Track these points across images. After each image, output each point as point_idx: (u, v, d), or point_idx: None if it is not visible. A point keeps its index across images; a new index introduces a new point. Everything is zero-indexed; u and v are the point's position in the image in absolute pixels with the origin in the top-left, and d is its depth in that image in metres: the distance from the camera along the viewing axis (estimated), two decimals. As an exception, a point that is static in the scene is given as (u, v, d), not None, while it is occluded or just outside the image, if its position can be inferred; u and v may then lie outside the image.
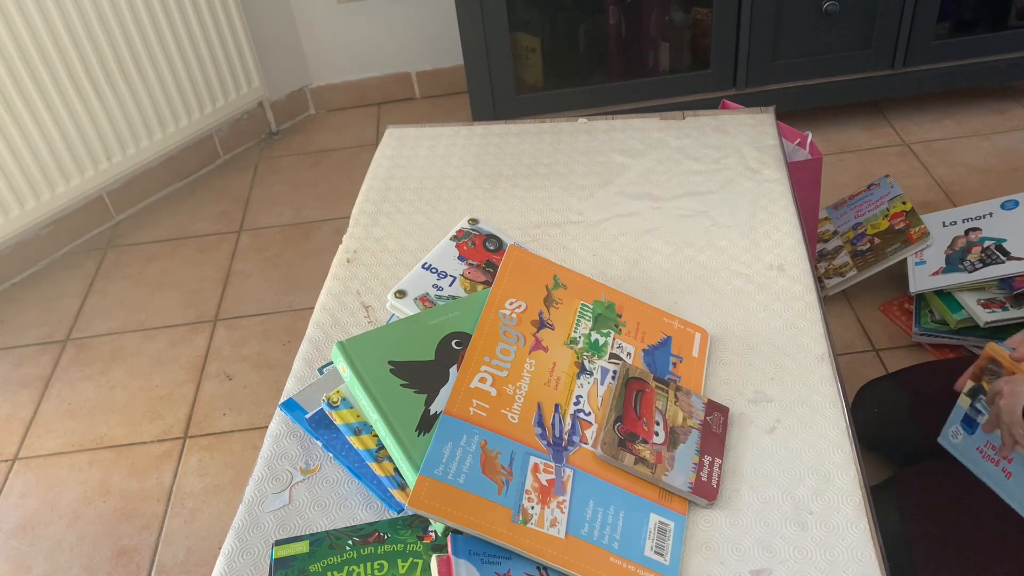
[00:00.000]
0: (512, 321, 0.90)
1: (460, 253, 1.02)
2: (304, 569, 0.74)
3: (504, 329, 0.89)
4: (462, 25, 2.23)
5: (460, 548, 0.70)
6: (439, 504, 0.72)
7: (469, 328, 0.89)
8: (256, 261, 2.33)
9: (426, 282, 0.99)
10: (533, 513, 0.75)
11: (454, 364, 0.85)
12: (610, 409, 0.84)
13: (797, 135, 1.82)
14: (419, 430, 0.79)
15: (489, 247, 1.03)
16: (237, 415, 1.88)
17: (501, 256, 1.02)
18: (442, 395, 0.83)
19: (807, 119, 2.49)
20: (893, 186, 2.04)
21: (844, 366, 1.79)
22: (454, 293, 0.98)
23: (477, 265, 1.01)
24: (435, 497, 0.73)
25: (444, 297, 0.97)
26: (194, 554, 1.61)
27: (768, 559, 0.77)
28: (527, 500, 0.76)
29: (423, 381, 0.83)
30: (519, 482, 0.77)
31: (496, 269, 1.01)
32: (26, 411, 1.95)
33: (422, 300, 0.97)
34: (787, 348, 0.98)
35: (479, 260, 1.02)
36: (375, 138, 2.77)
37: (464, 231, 1.05)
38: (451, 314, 0.90)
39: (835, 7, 2.26)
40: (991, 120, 2.50)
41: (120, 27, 2.26)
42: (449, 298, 0.97)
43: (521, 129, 1.43)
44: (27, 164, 2.17)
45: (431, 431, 0.80)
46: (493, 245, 1.03)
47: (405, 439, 0.78)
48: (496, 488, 0.75)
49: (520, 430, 0.81)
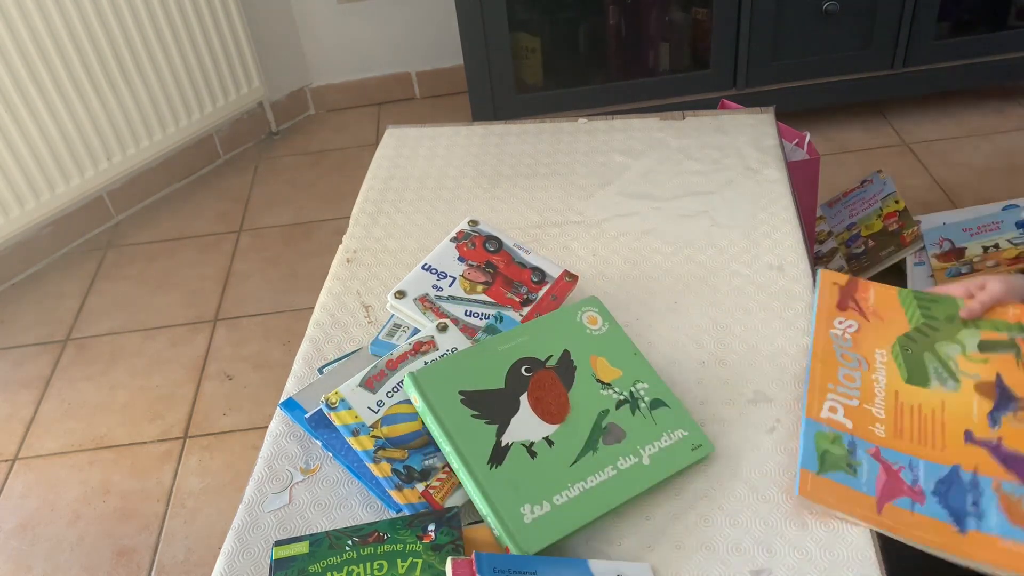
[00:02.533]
0: (847, 343, 0.91)
1: (460, 254, 1.02)
2: (304, 569, 0.74)
3: (841, 352, 0.90)
4: (462, 25, 2.23)
5: (484, 567, 0.69)
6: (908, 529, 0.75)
7: (539, 353, 0.88)
8: (256, 261, 2.33)
9: (426, 283, 0.99)
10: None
11: (524, 392, 0.84)
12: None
13: (795, 135, 1.83)
14: (491, 463, 0.79)
15: (489, 248, 1.03)
16: (237, 415, 1.88)
17: (501, 257, 1.02)
18: (513, 426, 0.82)
19: (807, 119, 2.49)
20: (886, 182, 2.04)
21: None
22: (454, 294, 0.98)
23: (477, 266, 1.01)
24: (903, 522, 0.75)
25: (444, 298, 0.97)
26: (194, 554, 1.61)
27: (768, 559, 0.77)
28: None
29: (494, 411, 0.82)
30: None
31: (496, 270, 1.01)
32: (26, 411, 1.95)
33: (421, 300, 0.97)
34: (787, 348, 0.98)
35: (479, 261, 1.02)
36: (375, 138, 2.77)
37: (464, 232, 1.04)
38: (519, 339, 0.88)
39: (835, 7, 2.26)
40: (991, 120, 2.50)
41: (120, 27, 2.26)
42: (449, 299, 0.97)
43: (521, 129, 1.43)
44: (27, 164, 2.17)
45: (503, 463, 0.79)
46: (493, 246, 1.03)
47: (478, 472, 0.78)
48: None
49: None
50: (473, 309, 0.97)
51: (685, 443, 0.85)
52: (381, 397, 0.85)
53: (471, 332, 0.94)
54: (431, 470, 0.82)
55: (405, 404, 0.85)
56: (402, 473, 0.81)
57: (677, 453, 0.84)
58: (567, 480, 0.79)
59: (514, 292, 0.99)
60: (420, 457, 0.82)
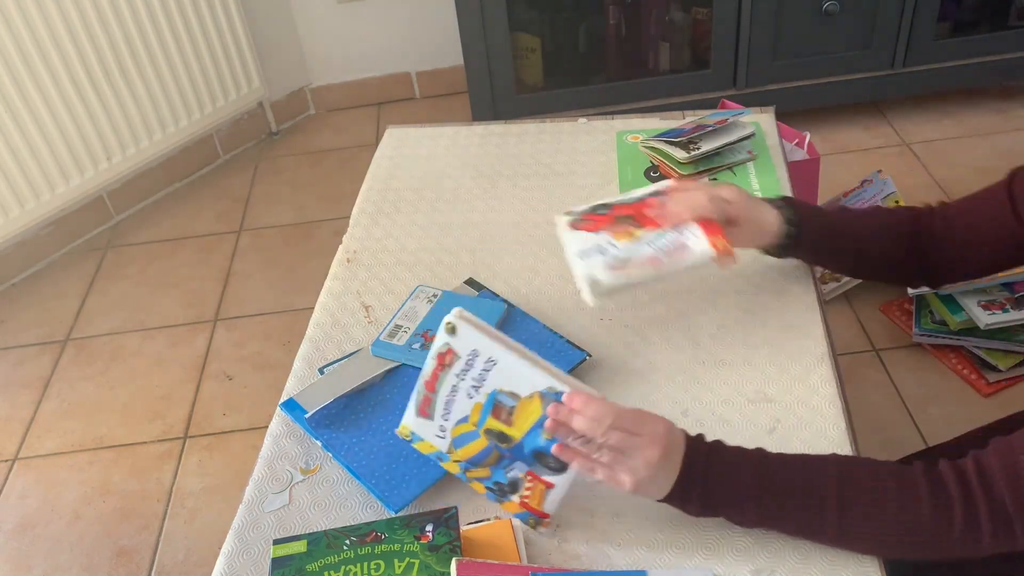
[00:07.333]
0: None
1: (588, 230, 0.97)
2: (301, 568, 0.74)
3: None
4: (462, 25, 2.23)
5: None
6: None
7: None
8: (256, 261, 2.33)
9: (598, 261, 0.93)
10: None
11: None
12: None
13: (795, 135, 1.83)
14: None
15: (602, 212, 0.98)
16: (237, 415, 1.88)
17: (618, 209, 0.97)
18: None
19: (807, 119, 2.49)
20: (886, 183, 2.04)
21: (844, 366, 1.78)
22: (626, 250, 0.92)
23: (613, 225, 0.96)
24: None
25: (622, 257, 0.91)
26: (194, 554, 1.61)
27: (768, 559, 0.77)
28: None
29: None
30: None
31: (627, 216, 0.96)
32: (26, 411, 1.95)
33: (611, 270, 0.91)
34: (787, 348, 0.97)
35: (609, 222, 0.97)
36: (375, 138, 2.77)
37: (572, 222, 1.00)
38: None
39: (835, 7, 2.26)
40: (991, 120, 2.50)
41: (120, 27, 2.26)
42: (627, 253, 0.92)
43: (521, 129, 1.43)
44: (27, 164, 2.17)
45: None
46: (604, 209, 0.99)
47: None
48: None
49: None
50: (654, 242, 0.92)
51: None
52: (440, 423, 0.82)
53: (680, 250, 0.91)
54: (517, 481, 0.79)
55: (464, 424, 0.81)
56: (495, 489, 0.81)
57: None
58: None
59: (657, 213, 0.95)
60: (501, 471, 0.80)
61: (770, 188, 1.19)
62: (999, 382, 1.72)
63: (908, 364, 1.80)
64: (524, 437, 0.77)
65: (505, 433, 0.78)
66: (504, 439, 0.78)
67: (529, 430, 0.77)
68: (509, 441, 0.78)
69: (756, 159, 1.25)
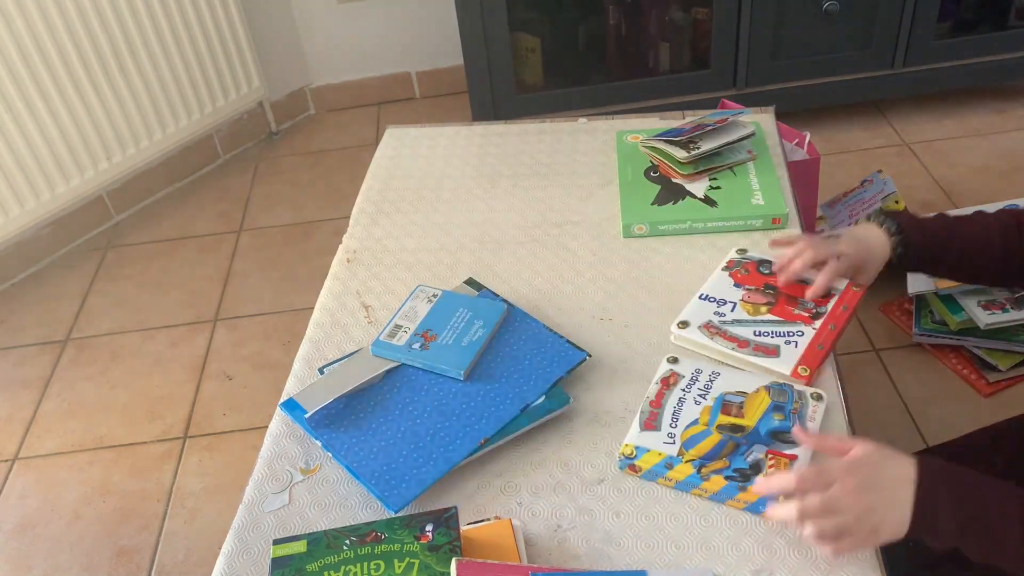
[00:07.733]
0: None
1: (735, 280, 1.04)
2: (301, 568, 0.74)
3: None
4: (462, 25, 2.23)
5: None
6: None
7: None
8: (256, 261, 2.33)
9: (707, 311, 1.00)
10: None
11: None
12: None
13: (795, 135, 1.83)
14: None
15: (764, 271, 1.05)
16: (237, 415, 1.88)
17: (775, 279, 1.04)
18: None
19: (807, 119, 2.48)
20: (886, 182, 2.04)
21: (844, 366, 1.78)
22: (738, 317, 0.99)
23: (755, 289, 1.03)
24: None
25: (728, 322, 0.98)
26: (194, 554, 1.61)
27: (768, 559, 0.77)
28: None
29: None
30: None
31: (775, 290, 1.02)
32: (26, 411, 1.95)
33: (706, 327, 0.98)
34: (787, 348, 0.97)
35: (757, 284, 1.03)
36: (375, 138, 2.77)
37: (734, 261, 1.07)
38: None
39: (835, 7, 2.26)
40: (991, 120, 2.50)
41: (120, 27, 2.26)
42: (734, 322, 0.98)
43: (521, 129, 1.43)
44: (27, 164, 2.17)
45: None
46: (767, 269, 1.05)
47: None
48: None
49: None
50: (762, 329, 0.98)
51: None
52: (667, 431, 0.87)
53: (769, 351, 0.95)
54: (759, 462, 0.83)
55: (694, 426, 0.87)
56: (736, 477, 0.82)
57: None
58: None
59: (801, 308, 1.00)
60: (740, 458, 0.83)
61: (770, 188, 1.19)
62: (999, 382, 1.72)
63: (908, 364, 1.80)
64: (758, 423, 0.86)
65: (738, 424, 0.86)
66: (738, 429, 0.86)
67: (761, 416, 0.87)
68: (743, 430, 0.86)
69: (756, 159, 1.25)
